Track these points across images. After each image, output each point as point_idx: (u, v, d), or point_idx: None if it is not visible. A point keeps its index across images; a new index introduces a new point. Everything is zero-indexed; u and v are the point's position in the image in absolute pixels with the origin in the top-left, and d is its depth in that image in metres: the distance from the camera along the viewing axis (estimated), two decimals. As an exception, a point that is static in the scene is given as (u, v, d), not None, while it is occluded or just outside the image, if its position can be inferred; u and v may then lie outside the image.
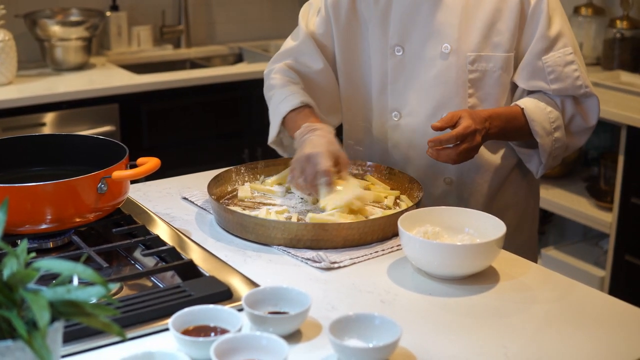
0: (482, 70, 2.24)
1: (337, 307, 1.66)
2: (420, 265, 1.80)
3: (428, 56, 2.25)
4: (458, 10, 2.21)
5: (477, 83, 2.25)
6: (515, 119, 2.21)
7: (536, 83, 2.24)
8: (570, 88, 2.23)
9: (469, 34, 2.22)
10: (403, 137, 2.32)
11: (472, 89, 2.25)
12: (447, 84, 2.25)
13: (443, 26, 2.22)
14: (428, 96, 2.26)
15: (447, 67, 2.24)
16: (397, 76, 2.30)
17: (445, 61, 2.24)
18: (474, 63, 2.23)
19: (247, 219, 1.93)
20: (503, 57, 2.22)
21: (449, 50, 2.22)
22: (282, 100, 2.32)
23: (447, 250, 1.75)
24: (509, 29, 2.20)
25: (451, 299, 1.72)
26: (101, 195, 1.87)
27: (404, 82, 2.29)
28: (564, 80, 2.22)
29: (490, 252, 1.77)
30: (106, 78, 4.00)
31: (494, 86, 2.25)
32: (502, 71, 2.23)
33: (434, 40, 2.23)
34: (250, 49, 4.77)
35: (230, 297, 1.65)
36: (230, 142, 4.22)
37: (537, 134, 2.22)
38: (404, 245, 1.81)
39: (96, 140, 2.14)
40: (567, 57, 2.22)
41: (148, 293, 1.62)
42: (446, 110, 2.23)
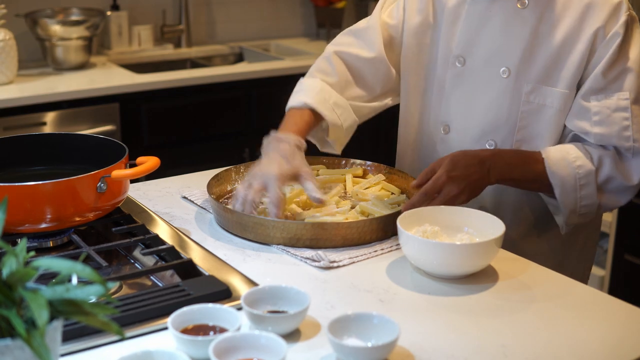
0: (539, 104, 2.08)
1: (335, 306, 1.66)
2: (419, 265, 1.80)
3: (486, 75, 2.13)
4: (527, 32, 2.06)
5: (530, 117, 2.10)
6: (529, 164, 2.03)
7: (579, 123, 2.04)
8: (615, 137, 2.01)
9: (532, 61, 2.07)
10: (447, 153, 2.11)
11: (523, 121, 2.10)
12: (499, 110, 2.12)
13: (508, 46, 2.08)
14: (478, 117, 2.15)
15: (502, 92, 2.11)
16: (453, 88, 2.19)
17: (502, 85, 2.10)
18: (530, 94, 2.08)
19: (247, 218, 1.93)
20: (562, 93, 2.05)
21: (507, 74, 2.09)
22: (295, 92, 2.26)
23: (446, 249, 1.75)
24: (574, 65, 2.03)
25: (450, 298, 1.72)
26: (101, 194, 1.87)
27: (458, 96, 2.18)
28: (609, 126, 2.01)
29: (489, 251, 1.77)
30: (107, 77, 4.00)
31: (548, 123, 2.09)
32: (558, 109, 2.06)
33: (495, 60, 2.11)
34: (250, 48, 4.77)
35: (229, 296, 1.65)
36: (231, 141, 4.22)
37: (555, 187, 2.03)
38: (403, 245, 1.81)
39: (96, 139, 2.14)
40: (621, 102, 2.00)
41: (147, 292, 1.62)
42: (492, 138, 2.14)
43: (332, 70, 2.28)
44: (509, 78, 2.09)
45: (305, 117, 2.18)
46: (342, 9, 4.90)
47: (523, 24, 2.07)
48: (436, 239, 1.83)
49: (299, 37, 5.05)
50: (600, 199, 2.06)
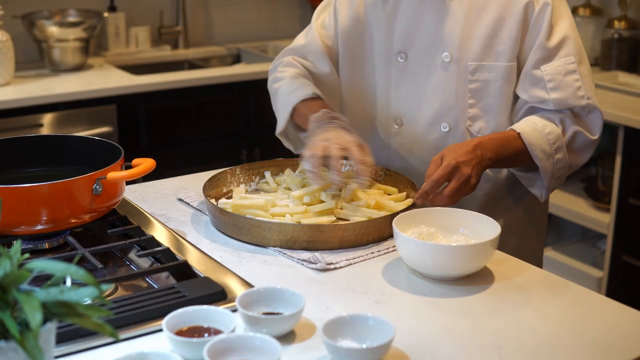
0: (484, 80, 2.19)
1: (331, 308, 1.66)
2: (415, 266, 1.80)
3: (430, 64, 2.22)
4: (460, 19, 2.17)
5: (478, 93, 2.20)
6: (510, 143, 2.12)
7: (536, 93, 2.15)
8: (571, 97, 2.15)
9: (470, 43, 2.17)
10: (404, 145, 2.30)
11: (472, 99, 2.20)
12: (448, 93, 2.21)
13: (445, 34, 2.18)
14: (428, 104, 2.23)
15: (447, 76, 2.20)
16: (399, 83, 2.27)
17: (446, 70, 2.20)
18: (474, 73, 2.18)
19: (243, 220, 1.93)
20: (504, 66, 2.16)
21: (449, 59, 2.18)
22: (292, 90, 2.30)
23: (442, 251, 1.75)
24: (511, 38, 2.15)
25: (446, 299, 1.72)
26: (96, 196, 1.87)
27: (405, 90, 2.27)
28: (564, 89, 2.14)
29: (485, 252, 1.77)
30: (104, 79, 4.00)
31: (496, 97, 2.19)
32: (503, 81, 2.17)
33: (436, 49, 2.20)
34: (248, 49, 4.77)
35: (224, 297, 1.65)
36: (228, 143, 4.22)
37: (537, 158, 2.13)
38: (399, 246, 1.81)
39: (92, 141, 2.13)
40: (569, 66, 2.14)
41: (142, 294, 1.62)
42: (445, 121, 2.22)
43: (304, 72, 2.39)
44: (451, 62, 2.19)
45: (324, 104, 2.26)
46: (340, 10, 4.88)
47: (456, 12, 2.17)
48: (432, 240, 1.83)
49: None
50: (569, 158, 2.19)
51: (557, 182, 2.21)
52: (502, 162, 2.14)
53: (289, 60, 2.42)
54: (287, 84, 2.33)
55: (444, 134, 2.24)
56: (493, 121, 2.21)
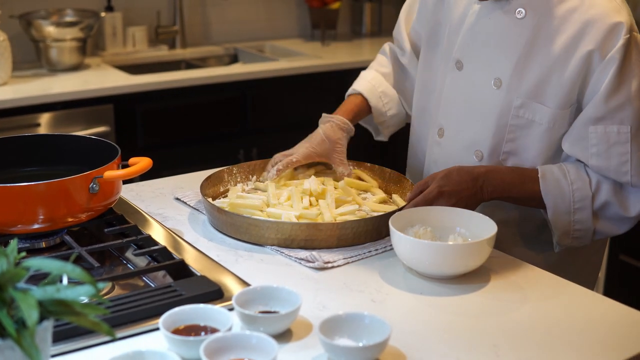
0: (528, 119, 2.03)
1: (328, 307, 1.66)
2: (411, 265, 1.80)
3: (480, 83, 2.09)
4: (520, 45, 2.01)
5: (519, 131, 2.04)
6: (525, 184, 1.99)
7: (577, 151, 1.99)
8: (613, 171, 1.96)
9: (524, 75, 2.01)
10: (440, 156, 2.20)
11: (512, 134, 2.05)
12: (488, 121, 2.07)
13: (500, 57, 2.04)
14: (469, 124, 2.12)
15: (493, 103, 2.06)
16: (449, 92, 2.16)
17: (493, 96, 2.06)
18: (520, 109, 2.03)
19: (240, 219, 1.93)
20: (553, 112, 1.99)
21: (499, 86, 2.04)
22: (356, 80, 2.47)
23: (439, 250, 1.75)
24: (566, 84, 1.96)
25: (442, 298, 1.72)
26: (93, 195, 1.87)
27: (453, 100, 2.16)
28: (607, 159, 1.95)
29: (481, 251, 1.78)
30: (101, 79, 3.98)
31: (537, 140, 2.03)
32: (548, 127, 2.00)
33: (488, 69, 2.06)
34: (245, 49, 4.76)
35: (221, 296, 1.65)
36: (226, 142, 4.20)
37: (549, 209, 1.99)
38: (395, 245, 1.81)
39: (89, 140, 2.14)
40: (621, 137, 1.93)
41: (139, 293, 1.62)
42: (479, 148, 2.10)
43: (386, 62, 2.46)
44: (500, 89, 2.04)
45: (357, 102, 2.37)
46: (337, 10, 4.91)
47: (519, 35, 2.01)
48: (428, 239, 1.84)
49: (293, 38, 5.03)
50: (595, 224, 2.02)
51: (575, 241, 2.04)
52: (510, 200, 2.03)
53: (389, 44, 2.52)
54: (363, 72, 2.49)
55: (475, 163, 2.11)
56: (528, 162, 2.06)
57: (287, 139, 4.22)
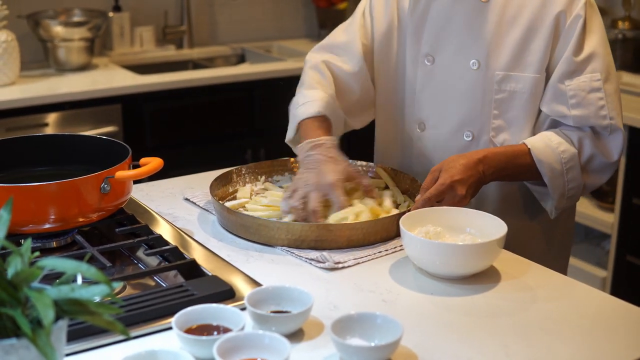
0: (510, 91, 2.13)
1: (339, 307, 1.66)
2: (421, 265, 1.81)
3: (456, 70, 2.17)
4: (492, 26, 2.11)
5: (504, 104, 2.14)
6: (518, 159, 2.07)
7: (557, 107, 2.09)
8: (593, 116, 2.07)
9: (499, 51, 2.12)
10: (426, 150, 2.27)
11: (498, 109, 2.15)
12: (473, 102, 2.16)
13: (474, 41, 2.13)
14: (452, 111, 2.20)
15: (474, 84, 2.15)
16: (424, 86, 2.23)
17: (473, 78, 2.15)
18: (501, 82, 2.13)
19: (250, 220, 1.94)
20: (532, 78, 2.10)
21: (477, 66, 2.13)
22: (302, 104, 2.23)
23: (449, 250, 1.75)
24: (540, 49, 2.08)
25: (453, 298, 1.73)
26: (104, 195, 1.88)
27: (430, 93, 2.23)
28: (586, 107, 2.06)
29: (491, 251, 1.78)
30: (109, 78, 3.99)
31: (522, 109, 2.13)
32: (530, 94, 2.11)
33: (464, 54, 2.15)
34: (252, 49, 4.76)
35: (232, 296, 1.66)
36: (233, 142, 4.21)
37: (545, 176, 2.08)
38: (406, 245, 1.81)
39: (99, 140, 2.14)
40: (594, 83, 2.06)
41: (151, 292, 1.62)
42: (469, 129, 2.18)
43: (326, 82, 2.30)
44: (479, 70, 2.14)
45: (325, 123, 2.21)
46: (344, 10, 4.89)
47: (487, 17, 2.11)
48: (438, 239, 1.84)
49: (300, 39, 5.03)
50: (584, 179, 2.13)
51: (569, 201, 2.15)
52: (507, 177, 2.12)
53: (315, 63, 2.34)
54: (301, 94, 2.28)
55: (467, 143, 2.20)
56: (517, 134, 2.16)
57: None
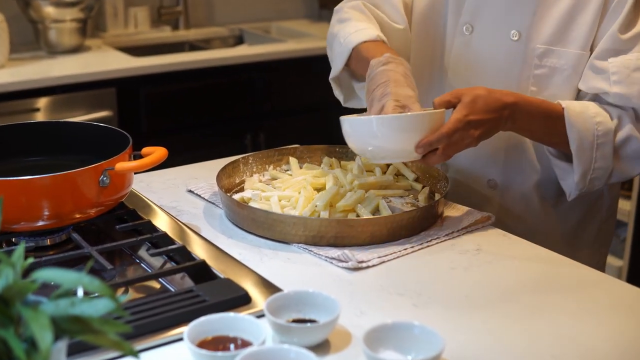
0: (551, 67, 1.97)
1: (366, 313, 1.50)
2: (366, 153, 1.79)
3: (495, 40, 2.02)
4: None
5: (543, 81, 1.98)
6: (549, 117, 1.88)
7: (596, 84, 1.92)
8: (636, 96, 1.88)
9: (543, 23, 1.96)
10: None
11: (535, 86, 1.98)
12: (510, 76, 2.01)
13: (516, 9, 1.98)
14: (487, 85, 1.93)
15: (512, 57, 2.00)
16: (460, 58, 2.07)
17: (512, 50, 2.00)
18: (542, 57, 1.97)
19: (264, 215, 1.77)
20: (576, 54, 1.94)
21: (517, 37, 1.98)
22: (356, 31, 2.01)
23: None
24: (587, 24, 1.93)
25: (490, 301, 1.57)
26: (103, 188, 1.71)
27: (466, 65, 2.07)
28: (629, 86, 1.88)
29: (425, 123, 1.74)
30: (102, 61, 3.88)
31: (561, 87, 1.97)
32: (572, 71, 1.95)
33: (505, 24, 1.99)
34: (251, 30, 4.64)
35: (248, 302, 1.49)
36: (232, 127, 4.10)
37: (572, 143, 1.88)
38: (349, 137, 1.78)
39: (96, 128, 1.98)
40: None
41: (157, 298, 1.45)
42: None
43: (374, 25, 2.09)
44: (519, 41, 1.99)
45: (389, 49, 1.98)
46: (346, -11, 4.73)
47: None
48: None
49: (300, 19, 4.92)
50: (614, 163, 1.93)
51: (590, 184, 1.94)
52: (529, 134, 1.95)
53: (357, 4, 2.13)
54: (351, 25, 2.05)
55: None
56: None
57: (295, 123, 4.16)
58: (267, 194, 1.93)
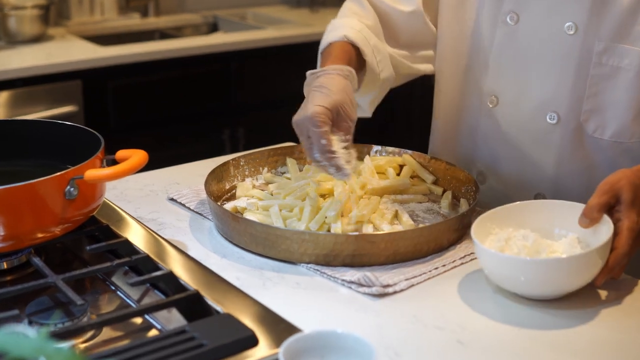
0: (613, 67, 1.69)
1: (401, 355, 1.21)
2: (511, 287, 1.38)
3: (546, 33, 1.75)
4: None
5: (603, 82, 1.71)
6: None
7: None
8: None
9: (605, 15, 1.68)
10: (496, 130, 1.84)
11: (593, 88, 1.71)
12: (563, 75, 1.74)
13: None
14: (535, 84, 1.78)
15: (566, 53, 1.73)
16: (502, 51, 1.81)
17: (566, 45, 1.72)
18: (603, 55, 1.69)
19: (264, 230, 1.49)
20: None
21: (573, 30, 1.70)
22: (327, 33, 1.83)
23: (553, 266, 1.34)
24: None
25: (552, 332, 1.29)
26: (70, 201, 1.41)
27: (509, 60, 1.81)
28: None
29: (599, 260, 1.36)
30: (66, 51, 3.68)
31: (625, 91, 1.70)
32: (638, 72, 1.68)
33: (559, 14, 1.72)
34: (226, 17, 4.49)
35: (255, 344, 1.20)
36: (208, 122, 3.92)
37: None
38: (489, 265, 1.37)
39: (61, 127, 1.67)
40: None
41: (141, 344, 1.15)
42: (554, 110, 1.76)
43: (365, 13, 1.88)
44: (575, 35, 1.71)
45: (348, 50, 1.77)
46: (325, -28, 4.65)
47: None
48: (538, 253, 1.40)
49: (277, 5, 4.78)
50: None
51: None
52: None
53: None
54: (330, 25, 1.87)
55: (550, 127, 1.76)
56: (615, 121, 1.72)
57: (276, 116, 3.88)
58: (265, 202, 1.64)
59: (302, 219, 1.55)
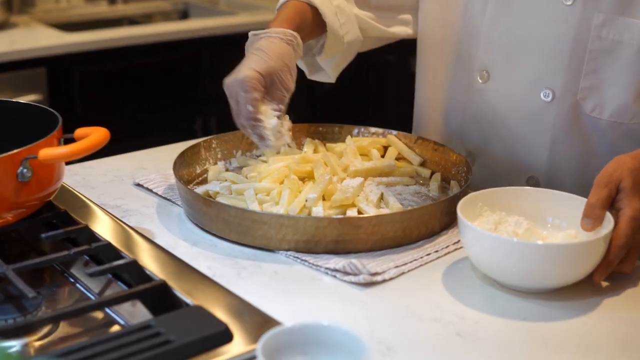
0: (613, 41, 1.59)
1: (394, 348, 1.09)
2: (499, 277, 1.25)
3: (542, 3, 1.65)
4: None
5: (602, 58, 1.61)
6: None
7: None
8: None
9: None
10: (487, 108, 1.74)
11: (592, 63, 1.61)
12: (559, 51, 1.64)
13: None
14: (529, 59, 1.68)
15: (563, 25, 1.63)
16: (494, 22, 1.70)
17: (563, 16, 1.62)
18: (602, 28, 1.59)
19: (239, 215, 1.37)
20: None
21: (571, 1, 1.60)
22: None
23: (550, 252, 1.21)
24: None
25: (554, 324, 1.19)
26: (23, 184, 1.29)
27: (501, 33, 1.70)
28: None
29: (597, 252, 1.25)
30: (31, 38, 3.57)
31: (625, 67, 1.60)
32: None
33: None
34: (196, 3, 4.39)
35: (229, 339, 1.07)
36: (178, 111, 3.81)
37: None
38: (471, 246, 1.25)
39: (15, 105, 1.57)
40: None
41: (101, 340, 1.03)
42: (549, 86, 1.66)
43: None
44: (573, 6, 1.61)
45: (300, 11, 1.68)
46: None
47: None
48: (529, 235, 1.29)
49: None
50: None
51: None
52: None
53: None
54: None
55: (545, 105, 1.66)
56: (614, 99, 1.62)
57: None
58: (239, 186, 1.52)
59: (280, 202, 1.43)
